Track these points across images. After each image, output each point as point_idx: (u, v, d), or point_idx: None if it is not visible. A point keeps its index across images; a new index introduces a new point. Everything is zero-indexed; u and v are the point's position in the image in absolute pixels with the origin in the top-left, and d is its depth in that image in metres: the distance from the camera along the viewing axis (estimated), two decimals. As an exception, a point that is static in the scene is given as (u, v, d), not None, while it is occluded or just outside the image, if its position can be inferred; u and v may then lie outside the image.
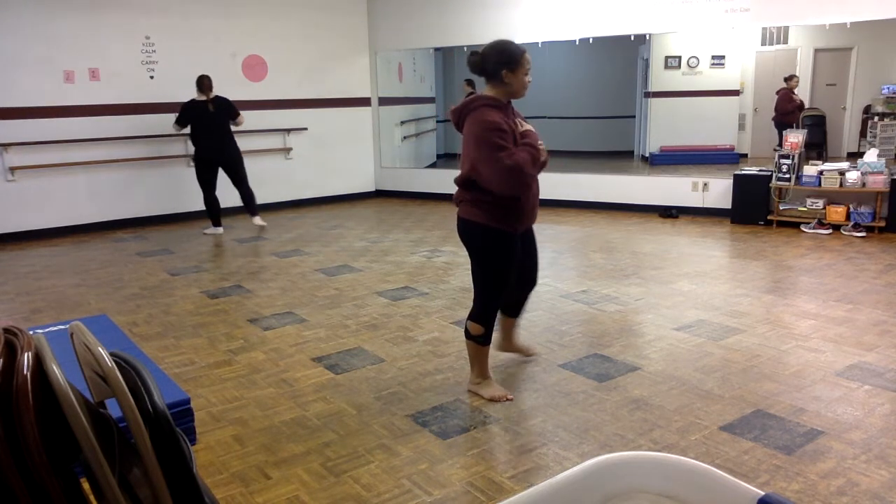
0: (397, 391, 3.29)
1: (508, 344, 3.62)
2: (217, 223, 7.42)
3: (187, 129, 7.19)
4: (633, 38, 7.97)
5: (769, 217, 7.10)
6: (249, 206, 7.51)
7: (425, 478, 2.53)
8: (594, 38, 7.98)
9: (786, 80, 9.04)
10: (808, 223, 6.81)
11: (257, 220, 7.54)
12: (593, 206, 8.31)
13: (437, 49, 10.81)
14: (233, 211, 8.45)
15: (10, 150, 7.04)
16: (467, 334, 3.20)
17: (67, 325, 1.50)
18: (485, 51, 2.93)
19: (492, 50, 2.92)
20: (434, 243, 6.63)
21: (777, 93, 9.15)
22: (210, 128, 7.10)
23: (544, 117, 11.75)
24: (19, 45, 6.97)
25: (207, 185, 7.28)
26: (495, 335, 3.37)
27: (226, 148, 7.22)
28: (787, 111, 8.87)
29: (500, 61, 2.89)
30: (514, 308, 3.49)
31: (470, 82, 10.60)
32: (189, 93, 7.30)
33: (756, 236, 6.66)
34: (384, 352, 3.81)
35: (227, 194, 8.48)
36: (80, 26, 7.28)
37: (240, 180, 7.38)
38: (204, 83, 7.07)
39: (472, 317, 3.17)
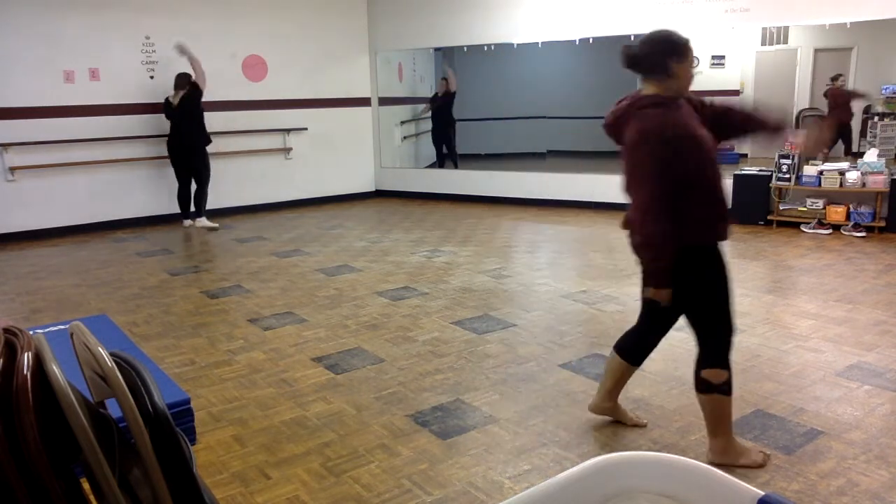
0: (397, 391, 3.29)
1: (613, 404, 2.91)
2: (185, 216, 7.73)
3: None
4: (633, 38, 7.94)
5: (769, 217, 7.10)
6: (195, 205, 7.72)
7: (425, 478, 2.53)
8: (594, 38, 7.98)
9: (833, 80, 8.82)
10: (808, 223, 6.81)
11: (193, 223, 7.71)
12: (593, 206, 8.31)
13: (437, 49, 10.80)
14: (232, 211, 8.46)
15: (10, 150, 7.03)
16: (705, 387, 2.52)
17: (67, 325, 1.50)
18: (646, 41, 2.46)
19: (655, 38, 2.45)
20: (434, 243, 6.63)
21: (827, 95, 8.90)
22: (173, 122, 7.48)
23: (544, 117, 11.75)
24: (19, 45, 6.97)
25: (176, 177, 7.64)
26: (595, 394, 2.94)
27: (182, 141, 7.49)
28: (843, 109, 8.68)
29: (667, 51, 2.42)
30: (645, 351, 2.83)
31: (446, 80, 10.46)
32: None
33: (756, 236, 6.66)
34: (384, 352, 3.81)
35: (230, 194, 8.49)
36: (80, 26, 7.28)
37: (194, 176, 7.63)
38: (175, 81, 7.41)
39: (709, 360, 2.53)
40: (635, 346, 2.80)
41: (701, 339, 2.56)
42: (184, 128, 7.41)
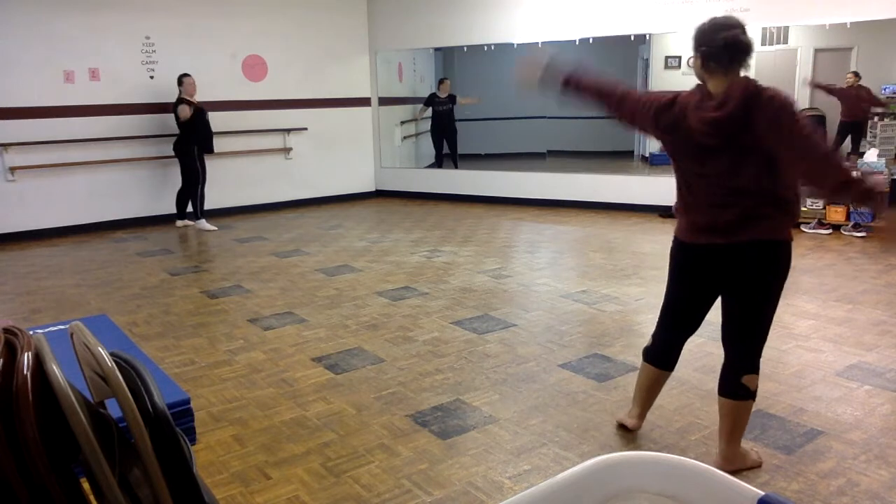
0: (397, 391, 3.29)
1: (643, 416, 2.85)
2: (178, 216, 7.81)
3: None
4: (633, 38, 7.96)
5: (769, 217, 7.09)
6: (191, 206, 7.76)
7: (425, 478, 2.53)
8: (594, 38, 7.98)
9: (856, 75, 8.60)
10: (808, 223, 6.81)
11: (192, 224, 7.76)
12: (593, 206, 8.31)
13: (437, 49, 10.81)
14: (232, 211, 8.46)
15: (10, 150, 7.03)
16: (744, 393, 2.41)
17: (67, 325, 1.50)
18: (741, 26, 2.33)
19: (743, 24, 2.31)
20: (434, 243, 6.63)
21: (842, 92, 8.73)
22: None
23: (544, 117, 11.74)
24: (19, 45, 6.97)
25: None
26: (633, 407, 2.83)
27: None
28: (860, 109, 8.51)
29: None
30: (677, 353, 2.69)
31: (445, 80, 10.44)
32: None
33: (756, 236, 6.65)
34: (384, 352, 3.81)
35: (230, 194, 8.50)
36: (80, 26, 7.28)
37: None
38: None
39: (750, 365, 2.41)
40: (666, 351, 2.66)
41: (744, 341, 2.41)
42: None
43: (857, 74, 8.47)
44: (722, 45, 2.27)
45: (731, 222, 2.29)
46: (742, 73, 2.31)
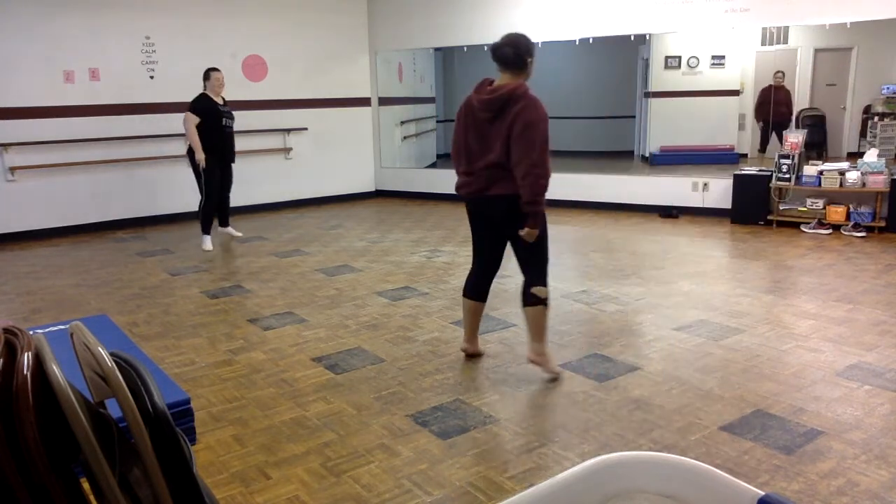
0: (397, 391, 3.29)
1: (476, 342, 3.73)
2: (222, 224, 7.19)
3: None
4: (633, 38, 7.96)
5: (769, 217, 7.10)
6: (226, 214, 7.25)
7: (425, 478, 2.53)
8: (594, 38, 7.98)
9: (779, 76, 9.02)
10: (808, 223, 6.81)
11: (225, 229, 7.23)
12: (593, 206, 8.31)
13: (437, 49, 10.81)
14: (232, 211, 8.44)
15: (10, 150, 7.04)
16: (535, 300, 3.28)
17: (67, 325, 1.50)
18: (512, 41, 3.14)
19: (520, 39, 3.16)
20: (434, 243, 6.63)
21: (764, 97, 9.14)
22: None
23: (544, 117, 11.75)
24: (19, 45, 6.97)
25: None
26: (465, 335, 3.68)
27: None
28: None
29: (529, 50, 3.16)
30: (488, 288, 3.61)
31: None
32: (189, 92, 7.29)
33: (756, 236, 6.66)
34: (384, 352, 3.81)
35: (231, 193, 8.48)
36: (80, 26, 7.28)
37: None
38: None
39: (538, 281, 3.29)
40: (483, 287, 3.54)
41: (531, 265, 3.30)
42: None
43: (783, 74, 8.92)
44: (492, 51, 3.16)
45: (489, 181, 3.14)
46: (524, 77, 3.16)
